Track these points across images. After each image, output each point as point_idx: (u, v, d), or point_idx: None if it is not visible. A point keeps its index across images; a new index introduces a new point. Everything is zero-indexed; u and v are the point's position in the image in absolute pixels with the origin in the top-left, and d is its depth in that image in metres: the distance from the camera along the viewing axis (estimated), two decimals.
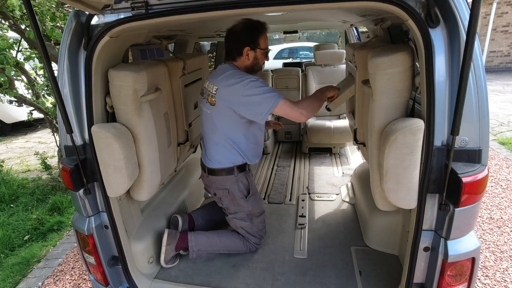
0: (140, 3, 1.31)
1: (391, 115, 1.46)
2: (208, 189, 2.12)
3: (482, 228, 3.02)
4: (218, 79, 1.77)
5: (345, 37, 4.18)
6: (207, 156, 2.00)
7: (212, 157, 1.96)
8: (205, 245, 2.08)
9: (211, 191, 2.08)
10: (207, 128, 1.93)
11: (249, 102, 1.69)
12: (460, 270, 1.36)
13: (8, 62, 3.34)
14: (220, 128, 1.84)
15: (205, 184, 2.14)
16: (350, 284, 1.84)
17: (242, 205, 2.03)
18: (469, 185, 1.19)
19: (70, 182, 1.52)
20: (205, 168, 2.03)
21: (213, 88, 1.78)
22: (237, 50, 1.79)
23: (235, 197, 2.01)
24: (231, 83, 1.70)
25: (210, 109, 1.82)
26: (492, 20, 10.80)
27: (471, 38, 0.99)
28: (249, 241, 2.12)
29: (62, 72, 1.46)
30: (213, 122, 1.84)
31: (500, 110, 6.89)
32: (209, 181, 2.04)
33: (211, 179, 2.01)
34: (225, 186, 1.98)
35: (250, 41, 1.76)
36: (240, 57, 1.81)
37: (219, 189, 2.02)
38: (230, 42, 1.81)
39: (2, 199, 4.05)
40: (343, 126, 3.68)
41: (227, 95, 1.72)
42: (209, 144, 1.96)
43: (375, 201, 1.68)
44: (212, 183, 2.03)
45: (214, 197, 2.10)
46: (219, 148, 1.91)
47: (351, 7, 1.71)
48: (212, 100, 1.78)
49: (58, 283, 2.69)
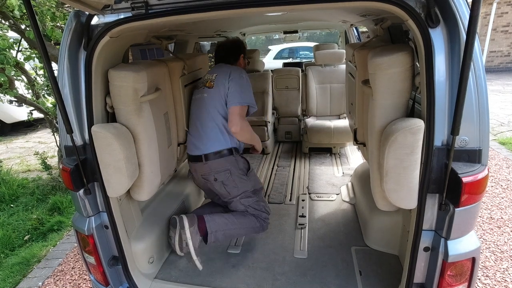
0: (140, 3, 1.31)
1: (391, 115, 1.46)
2: (207, 177, 2.10)
3: (482, 228, 3.02)
4: (219, 69, 2.13)
5: (345, 37, 4.18)
6: (202, 144, 2.06)
7: (209, 142, 2.05)
8: (222, 225, 2.07)
9: (211, 178, 2.08)
10: (203, 113, 2.07)
11: (233, 86, 2.02)
12: (460, 270, 1.36)
13: (8, 62, 3.34)
14: (215, 110, 2.04)
15: (201, 174, 2.12)
16: (350, 284, 1.84)
17: (245, 182, 2.12)
18: (469, 185, 1.19)
19: (70, 182, 1.52)
20: (199, 157, 2.06)
21: (213, 75, 2.11)
22: (234, 56, 2.26)
23: (237, 176, 2.09)
24: (232, 69, 2.10)
25: (208, 92, 2.08)
26: (492, 20, 10.80)
27: (471, 38, 0.99)
28: (260, 216, 2.16)
29: (62, 72, 1.46)
30: (209, 104, 2.05)
31: (500, 110, 6.89)
32: (207, 168, 2.07)
33: (210, 164, 2.05)
34: (226, 167, 2.06)
35: (242, 51, 2.30)
36: (237, 61, 2.28)
37: (220, 172, 2.06)
38: (228, 51, 2.26)
39: (2, 199, 4.05)
40: (343, 126, 3.68)
41: (225, 76, 2.05)
42: (205, 129, 2.06)
43: (375, 201, 1.68)
44: (212, 169, 2.06)
45: (215, 183, 2.09)
46: (217, 132, 2.05)
47: (351, 7, 1.71)
48: (211, 84, 2.08)
49: (58, 283, 2.69)
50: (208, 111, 2.05)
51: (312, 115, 4.15)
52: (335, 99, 4.07)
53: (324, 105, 4.11)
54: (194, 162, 2.12)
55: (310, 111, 4.14)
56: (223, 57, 2.25)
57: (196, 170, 2.15)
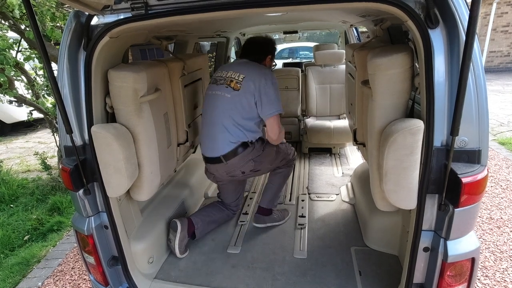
0: (140, 3, 1.31)
1: (391, 115, 1.46)
2: (234, 174, 2.13)
3: (482, 228, 3.02)
4: (246, 69, 2.05)
5: (345, 37, 4.18)
6: (218, 145, 2.05)
7: (225, 142, 2.03)
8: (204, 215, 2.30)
9: (238, 173, 2.13)
10: (222, 112, 2.02)
11: (267, 96, 2.00)
12: (459, 270, 1.36)
13: (8, 62, 3.34)
14: (236, 112, 2.01)
15: (226, 173, 2.13)
16: (350, 284, 1.84)
17: (271, 153, 2.20)
18: (468, 185, 1.19)
19: (70, 182, 1.52)
20: (218, 159, 2.06)
21: (240, 76, 2.03)
22: (262, 55, 2.21)
23: (263, 157, 2.14)
24: (262, 74, 2.02)
25: (232, 93, 2.01)
26: (492, 20, 10.80)
27: (470, 38, 0.99)
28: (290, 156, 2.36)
29: (62, 73, 1.46)
30: (231, 106, 2.01)
31: (500, 110, 6.90)
32: (231, 167, 2.08)
33: (232, 162, 2.06)
34: (249, 158, 2.08)
35: (271, 52, 2.26)
36: (263, 61, 2.22)
37: (245, 165, 2.09)
38: (257, 49, 2.21)
39: (2, 199, 4.05)
40: (343, 126, 3.68)
41: (255, 80, 1.99)
42: (221, 129, 2.03)
43: (375, 201, 1.68)
44: (236, 166, 2.08)
45: (244, 175, 2.17)
46: (234, 131, 2.03)
47: (351, 8, 1.71)
48: (237, 86, 2.01)
49: (58, 283, 2.69)
50: (227, 112, 2.01)
51: (312, 115, 4.15)
52: (335, 100, 4.07)
53: (324, 105, 4.11)
54: (214, 163, 2.11)
55: (309, 111, 4.14)
56: (250, 53, 2.18)
57: (217, 170, 2.14)
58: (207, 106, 2.12)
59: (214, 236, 2.37)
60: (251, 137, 2.08)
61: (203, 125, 2.18)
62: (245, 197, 2.92)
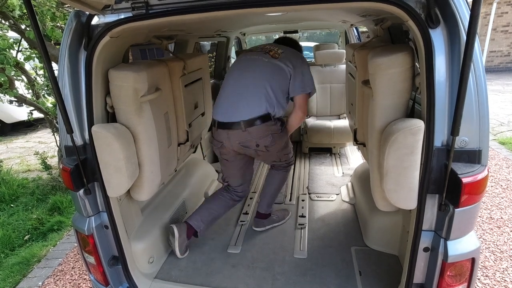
0: (141, 3, 1.31)
1: (391, 115, 1.46)
2: (247, 144, 2.02)
3: (482, 228, 3.02)
4: (284, 48, 2.14)
5: (345, 37, 4.18)
6: (240, 109, 1.96)
7: (250, 107, 1.96)
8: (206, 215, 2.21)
9: (252, 145, 2.01)
10: (260, 75, 2.00)
11: (302, 74, 2.07)
12: (460, 271, 1.36)
13: (8, 62, 3.34)
14: (273, 78, 2.00)
15: (239, 142, 2.01)
16: (350, 284, 1.84)
17: (285, 139, 2.17)
18: (469, 185, 1.19)
19: (70, 182, 1.52)
20: (236, 124, 1.96)
21: (278, 50, 2.10)
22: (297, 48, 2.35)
23: (278, 138, 2.07)
24: (299, 55, 2.17)
25: (271, 60, 2.04)
26: (492, 20, 10.80)
27: (471, 38, 0.99)
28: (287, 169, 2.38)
29: (62, 72, 1.46)
30: (268, 70, 2.02)
31: (500, 110, 6.89)
32: (247, 136, 1.98)
33: (251, 131, 1.96)
34: (268, 132, 2.00)
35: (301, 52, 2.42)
36: None
37: (262, 138, 1.99)
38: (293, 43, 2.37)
39: (2, 199, 4.05)
40: (343, 126, 3.68)
41: (292, 58, 2.07)
42: (250, 92, 1.98)
43: (375, 201, 1.68)
44: (253, 135, 1.98)
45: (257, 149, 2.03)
46: (263, 97, 1.97)
47: (351, 7, 1.71)
48: (276, 55, 2.06)
49: (58, 283, 2.69)
50: (264, 75, 1.98)
51: (312, 115, 4.15)
52: (335, 99, 4.07)
53: (324, 105, 4.11)
54: (228, 129, 1.99)
55: (310, 111, 4.14)
56: (287, 44, 2.26)
57: (230, 138, 2.01)
58: (238, 69, 2.09)
59: (214, 236, 2.37)
60: (276, 111, 2.03)
61: (224, 89, 2.08)
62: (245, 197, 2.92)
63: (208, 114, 2.80)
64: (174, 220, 2.33)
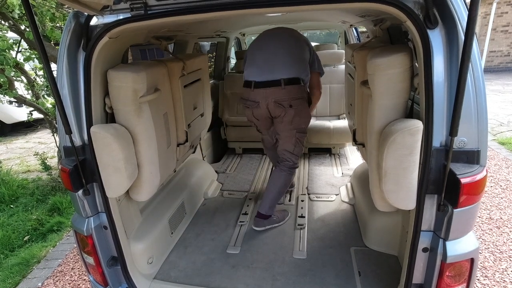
0: (139, 4, 1.31)
1: (390, 116, 1.46)
2: (283, 103, 2.17)
3: (482, 228, 3.02)
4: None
5: (344, 38, 4.18)
6: (281, 69, 2.16)
7: (287, 68, 2.17)
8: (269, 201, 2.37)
9: (286, 104, 2.17)
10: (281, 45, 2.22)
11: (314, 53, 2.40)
12: (459, 271, 1.36)
13: (8, 62, 3.34)
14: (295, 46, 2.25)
15: (275, 100, 2.17)
16: (349, 284, 1.84)
17: (307, 111, 2.32)
18: (467, 186, 1.19)
19: (69, 183, 1.52)
20: (277, 82, 2.14)
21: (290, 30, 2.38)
22: None
23: (304, 105, 2.27)
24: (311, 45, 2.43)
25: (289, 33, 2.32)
26: (492, 20, 10.79)
27: (469, 39, 1.00)
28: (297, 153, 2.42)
29: (61, 73, 1.46)
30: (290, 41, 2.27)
31: (500, 110, 6.89)
32: (285, 94, 2.16)
33: (289, 90, 2.15)
34: (302, 95, 2.23)
35: None
36: None
37: (296, 99, 2.19)
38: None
39: (2, 199, 4.05)
40: (342, 126, 3.68)
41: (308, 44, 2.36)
42: (285, 54, 2.19)
43: (374, 201, 1.68)
44: (291, 94, 2.17)
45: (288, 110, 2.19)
46: (292, 61, 2.19)
47: (351, 8, 1.72)
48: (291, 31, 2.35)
49: (58, 284, 2.69)
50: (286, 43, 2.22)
51: (312, 115, 4.15)
52: (334, 100, 4.07)
53: (324, 106, 4.11)
54: (267, 87, 2.16)
55: None
56: None
57: (267, 96, 2.17)
58: (262, 40, 2.30)
59: (214, 236, 2.37)
60: (304, 77, 2.23)
61: (254, 55, 2.27)
62: (245, 197, 2.92)
63: (208, 114, 2.80)
64: (174, 220, 2.33)
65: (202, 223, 2.55)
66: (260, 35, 2.35)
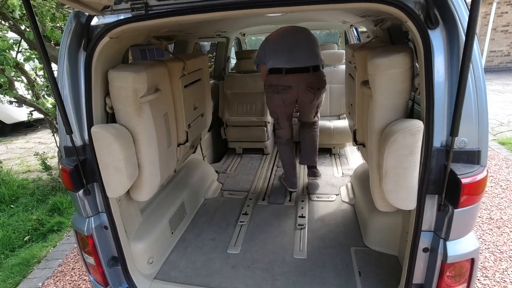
0: (140, 4, 1.31)
1: (391, 116, 1.46)
2: (313, 86, 2.60)
3: (482, 228, 3.02)
4: None
5: (345, 38, 4.18)
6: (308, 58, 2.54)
7: (311, 58, 2.56)
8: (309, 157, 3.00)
9: (315, 87, 2.61)
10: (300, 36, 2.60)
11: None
12: (459, 271, 1.36)
13: (8, 62, 3.34)
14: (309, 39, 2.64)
15: (307, 84, 2.56)
16: (349, 284, 1.84)
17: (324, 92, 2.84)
18: (468, 186, 1.19)
19: (69, 183, 1.52)
20: (307, 68, 2.53)
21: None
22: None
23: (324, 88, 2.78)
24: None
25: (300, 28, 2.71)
26: (492, 20, 10.80)
27: (470, 39, 1.00)
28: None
29: (62, 73, 1.46)
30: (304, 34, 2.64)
31: (500, 110, 6.89)
32: (315, 79, 2.60)
33: (319, 74, 2.63)
34: (324, 78, 2.71)
35: None
36: None
37: (322, 82, 2.69)
38: None
39: (2, 199, 4.05)
40: (343, 126, 3.68)
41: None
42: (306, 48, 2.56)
43: (375, 202, 1.68)
44: (318, 78, 2.63)
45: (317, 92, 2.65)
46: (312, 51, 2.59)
47: (351, 8, 1.72)
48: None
49: (58, 284, 2.69)
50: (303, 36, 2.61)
51: None
52: (334, 100, 4.07)
53: (324, 106, 4.10)
54: (299, 73, 2.51)
55: None
56: None
57: (300, 81, 2.53)
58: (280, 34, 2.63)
59: (214, 236, 2.37)
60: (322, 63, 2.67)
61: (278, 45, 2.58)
62: (245, 197, 2.92)
63: (208, 114, 2.80)
64: (174, 220, 2.33)
65: (202, 223, 2.55)
66: (278, 31, 2.68)
